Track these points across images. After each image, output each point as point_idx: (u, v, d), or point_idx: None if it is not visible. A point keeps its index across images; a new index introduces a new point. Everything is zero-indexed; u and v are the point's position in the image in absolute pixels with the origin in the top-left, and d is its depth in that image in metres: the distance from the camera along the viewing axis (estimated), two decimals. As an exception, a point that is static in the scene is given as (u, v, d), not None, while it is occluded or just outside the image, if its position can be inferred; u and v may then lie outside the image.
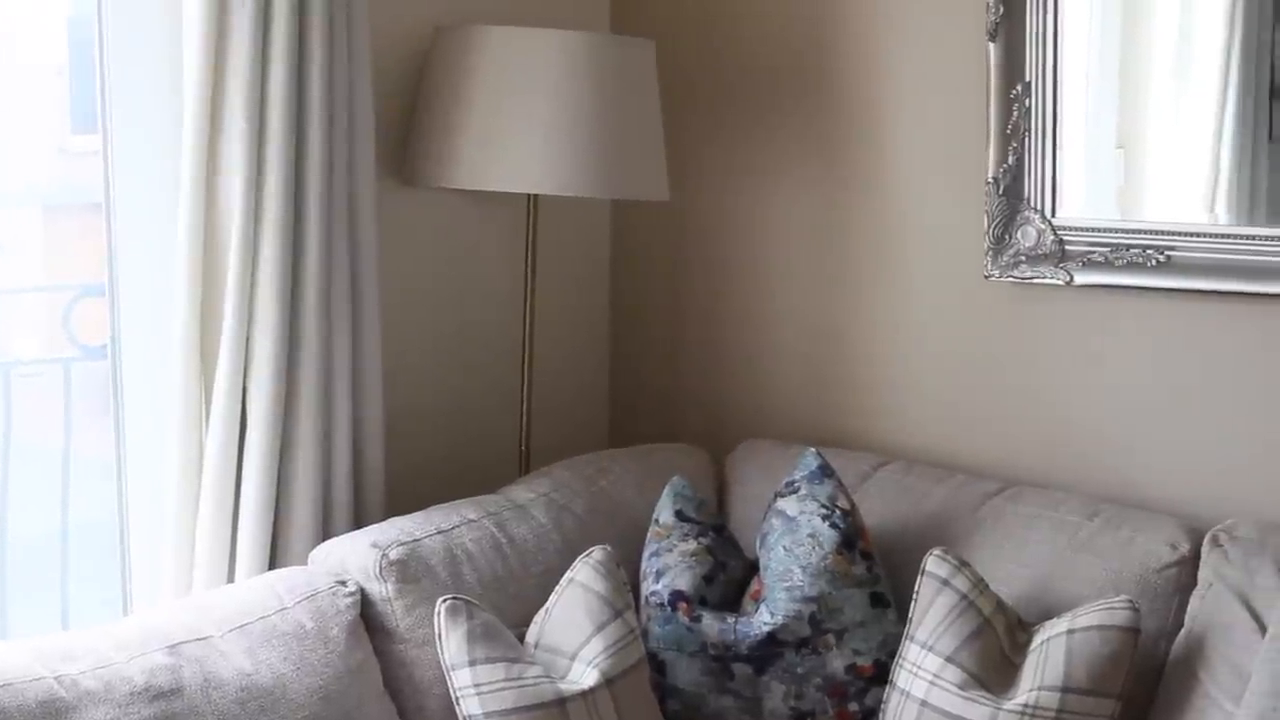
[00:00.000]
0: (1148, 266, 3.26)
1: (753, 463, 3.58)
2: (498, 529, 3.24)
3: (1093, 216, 3.36)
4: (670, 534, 3.26)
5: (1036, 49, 3.34)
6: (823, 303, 3.75)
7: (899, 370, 3.65)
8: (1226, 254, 3.19)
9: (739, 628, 3.11)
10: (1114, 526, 3.12)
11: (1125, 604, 2.86)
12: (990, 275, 3.44)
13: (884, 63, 3.61)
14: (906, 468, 3.46)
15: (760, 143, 3.80)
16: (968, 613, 2.94)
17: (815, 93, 3.71)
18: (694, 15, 3.88)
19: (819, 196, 3.73)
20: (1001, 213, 3.40)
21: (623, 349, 4.08)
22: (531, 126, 3.37)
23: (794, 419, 3.78)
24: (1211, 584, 2.95)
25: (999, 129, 3.38)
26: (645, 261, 4.04)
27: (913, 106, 3.58)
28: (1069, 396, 3.42)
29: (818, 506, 3.18)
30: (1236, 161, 3.30)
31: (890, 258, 3.63)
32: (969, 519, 3.26)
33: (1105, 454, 3.38)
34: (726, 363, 3.91)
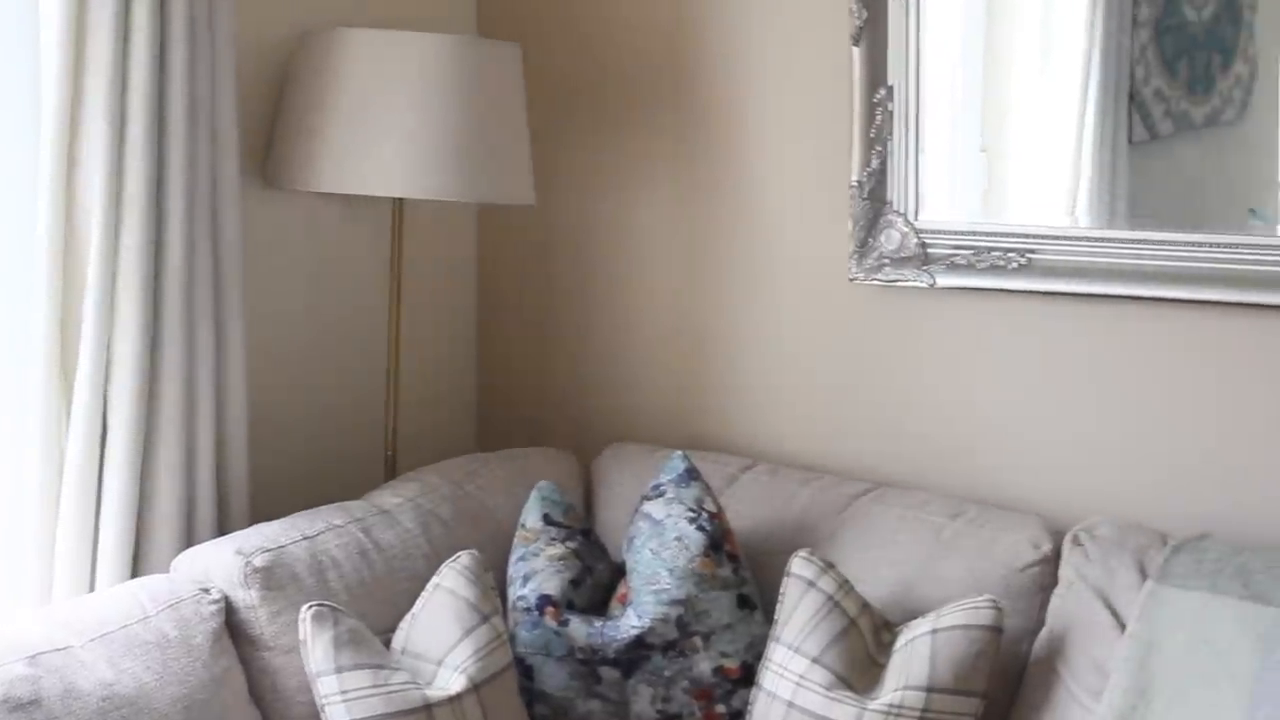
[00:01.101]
0: (1009, 269, 3.31)
1: (620, 466, 3.59)
2: (364, 534, 3.22)
3: (956, 219, 3.40)
4: (537, 538, 3.26)
5: (900, 53, 3.38)
6: (689, 306, 3.77)
7: (765, 373, 3.68)
8: (1087, 257, 3.25)
9: (606, 631, 3.12)
10: (977, 526, 3.16)
11: (988, 603, 2.90)
12: (855, 278, 3.47)
13: (749, 67, 3.63)
14: (773, 470, 3.48)
15: (627, 147, 3.82)
16: (833, 614, 2.97)
17: (681, 97, 3.73)
18: (561, 19, 3.89)
19: (685, 200, 3.75)
20: (865, 216, 3.44)
21: (490, 353, 4.08)
22: (396, 130, 3.36)
23: (661, 422, 3.80)
24: (1072, 583, 3.00)
25: (863, 133, 3.42)
26: (512, 266, 4.04)
27: (778, 110, 3.60)
28: (933, 398, 3.46)
29: (684, 509, 3.20)
30: (1097, 165, 3.35)
31: (756, 261, 3.66)
32: (834, 520, 3.29)
33: (969, 454, 3.42)
34: (594, 367, 3.92)
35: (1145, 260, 3.18)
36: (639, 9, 3.78)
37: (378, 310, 3.71)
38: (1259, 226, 3.25)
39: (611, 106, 3.83)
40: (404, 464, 3.63)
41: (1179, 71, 3.31)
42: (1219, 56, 3.32)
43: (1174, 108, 3.30)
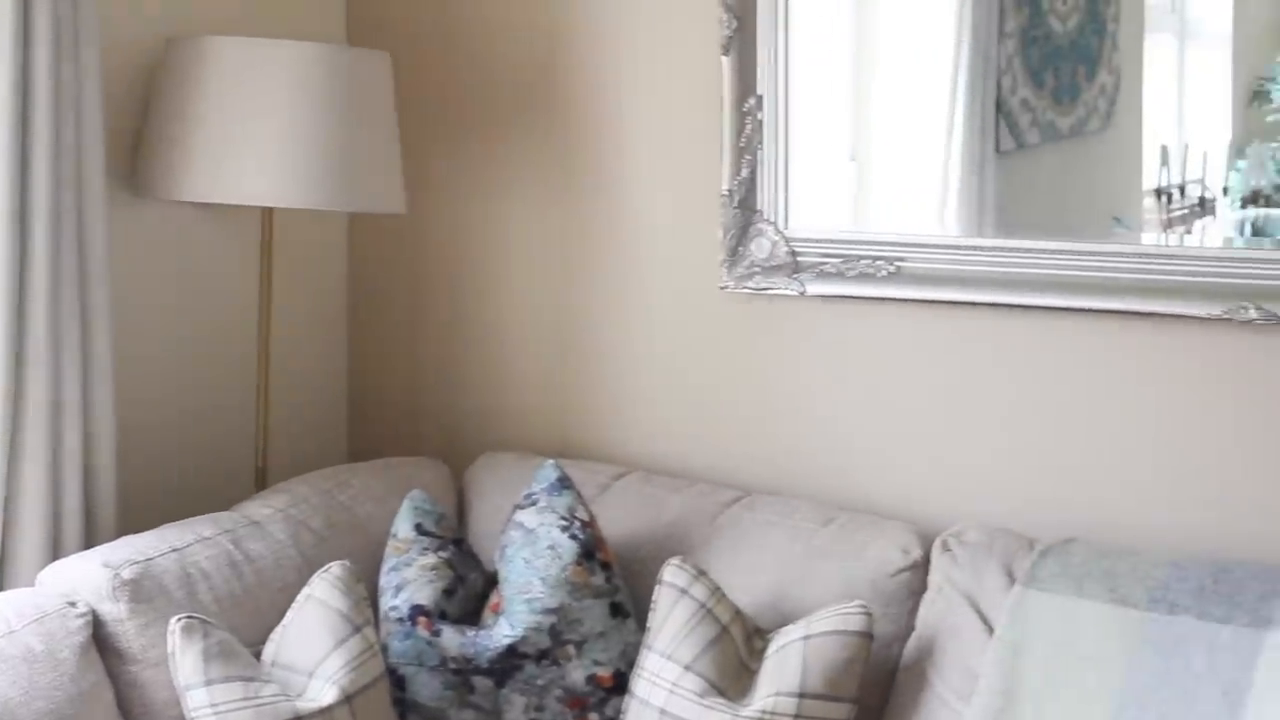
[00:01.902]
0: (878, 277, 3.35)
1: (492, 476, 3.59)
2: (234, 546, 3.21)
3: (826, 228, 3.44)
4: (409, 548, 3.26)
5: (769, 63, 3.41)
6: (562, 315, 3.78)
7: (638, 382, 3.70)
8: (955, 264, 3.29)
9: (479, 641, 3.12)
10: (848, 533, 3.19)
11: (859, 609, 2.93)
12: (726, 286, 3.50)
13: (621, 76, 3.65)
14: (645, 478, 3.50)
15: (499, 155, 3.83)
16: (706, 621, 2.99)
17: (553, 105, 3.74)
18: (431, 28, 3.89)
19: (557, 209, 3.76)
20: (736, 224, 3.47)
21: (361, 363, 4.08)
22: (265, 139, 3.35)
23: (534, 431, 3.81)
24: (941, 588, 3.04)
25: (733, 142, 3.45)
26: (384, 275, 4.04)
27: (650, 119, 3.63)
28: (804, 405, 3.49)
29: (557, 518, 3.21)
30: (965, 174, 3.40)
31: (628, 270, 3.68)
32: (707, 528, 3.31)
33: (840, 461, 3.45)
34: (466, 376, 3.92)
35: (1013, 268, 3.23)
36: (510, 18, 3.79)
37: (247, 320, 3.69)
38: (1123, 234, 3.31)
39: (483, 115, 3.84)
40: (274, 475, 3.61)
41: (1045, 81, 3.36)
42: (1084, 67, 3.37)
43: (1040, 117, 3.36)
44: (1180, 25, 3.40)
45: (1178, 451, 3.13)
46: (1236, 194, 3.29)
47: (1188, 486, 3.12)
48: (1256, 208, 3.27)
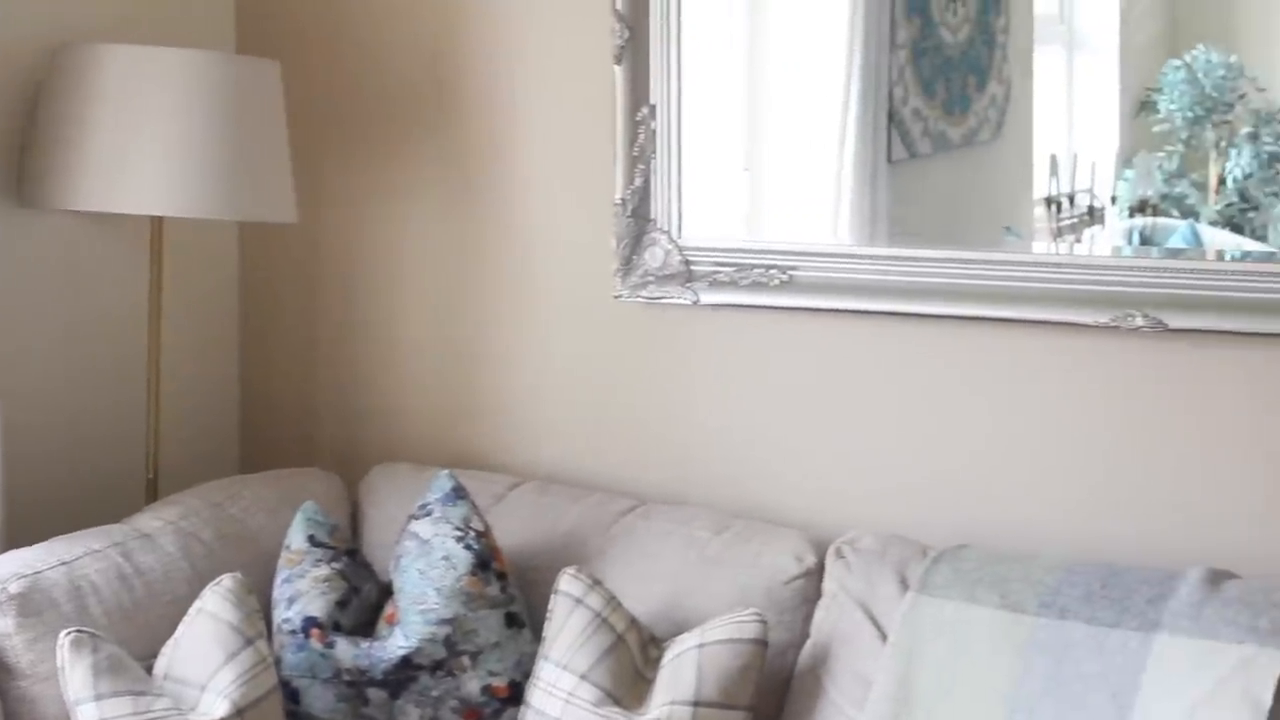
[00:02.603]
0: (771, 286, 3.38)
1: (387, 486, 3.60)
2: (124, 559, 3.20)
3: (719, 237, 3.47)
4: (302, 559, 3.26)
5: (661, 72, 3.44)
6: (456, 324, 3.80)
7: (533, 391, 3.72)
8: (848, 273, 3.33)
9: (373, 653, 3.13)
10: (742, 541, 3.22)
11: (753, 617, 2.96)
12: (620, 295, 3.53)
13: (514, 84, 3.67)
14: (541, 487, 3.52)
15: (391, 164, 3.84)
16: (601, 630, 3.01)
17: (446, 114, 3.76)
18: (321, 36, 3.89)
19: (451, 218, 3.78)
20: (630, 233, 3.50)
21: (254, 373, 4.07)
22: (153, 147, 3.35)
23: (430, 441, 3.82)
24: (835, 595, 3.07)
25: (626, 151, 3.48)
26: (276, 284, 4.04)
27: (543, 128, 3.65)
28: (699, 414, 3.53)
29: (451, 528, 3.23)
30: (857, 183, 3.43)
31: (523, 279, 3.70)
32: (602, 537, 3.33)
33: (735, 469, 3.49)
34: (361, 386, 3.93)
35: (905, 277, 3.27)
36: (402, 26, 3.80)
37: (137, 330, 3.68)
38: (1014, 243, 3.36)
39: (376, 123, 3.85)
40: (165, 487, 3.60)
41: (936, 92, 3.41)
42: (974, 77, 3.43)
43: (932, 127, 3.40)
44: (1069, 36, 3.45)
45: (1067, 457, 3.18)
46: (1124, 203, 3.35)
47: (1078, 491, 3.17)
48: (1144, 216, 3.33)
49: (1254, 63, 3.27)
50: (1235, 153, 3.28)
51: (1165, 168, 3.32)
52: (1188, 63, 3.26)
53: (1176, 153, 3.31)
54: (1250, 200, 3.28)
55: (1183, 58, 3.26)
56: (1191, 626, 2.70)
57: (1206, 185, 3.32)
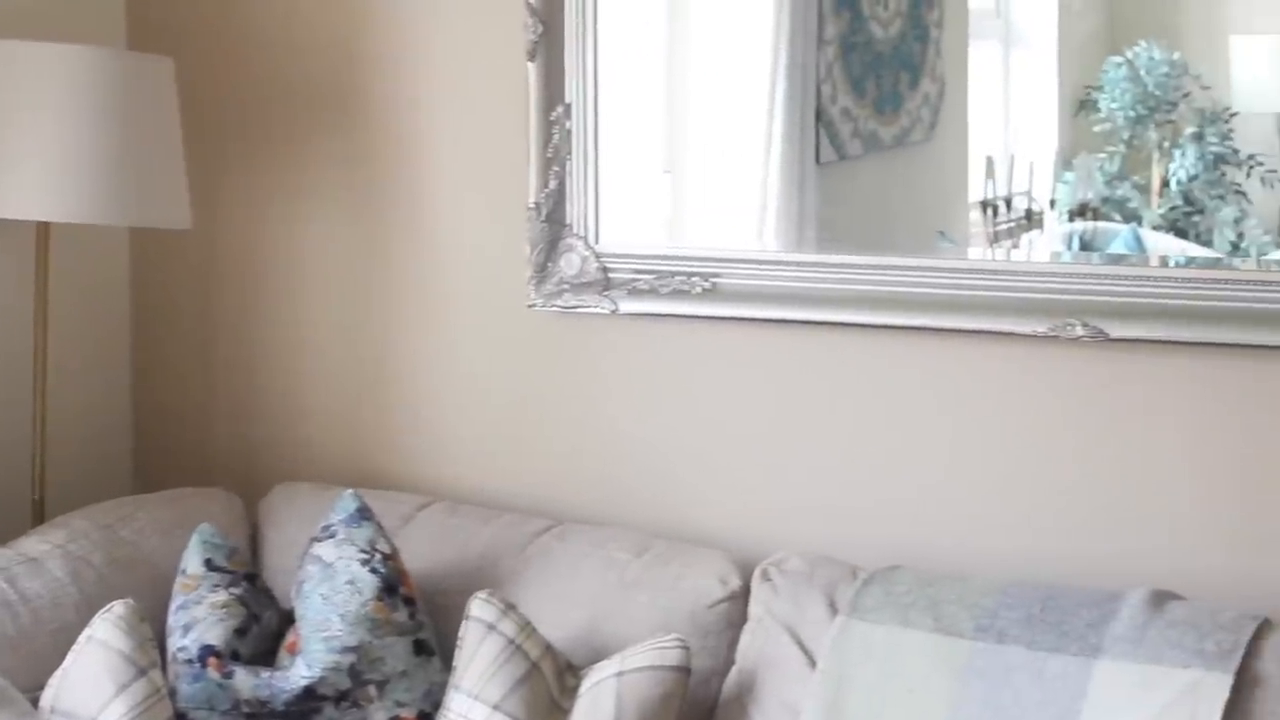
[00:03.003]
0: (693, 294, 3.35)
1: (288, 507, 3.56)
2: (8, 585, 3.16)
3: (639, 243, 3.44)
4: (199, 585, 3.21)
5: (577, 70, 3.40)
6: (362, 336, 3.75)
7: (443, 406, 3.68)
8: (774, 281, 3.30)
9: (274, 683, 3.08)
10: (664, 563, 3.18)
11: (675, 643, 2.92)
12: (534, 304, 3.49)
13: (422, 82, 3.63)
14: (451, 508, 3.48)
15: (294, 166, 3.79)
16: (515, 658, 2.97)
17: (351, 114, 3.72)
18: (218, 33, 3.84)
19: (357, 223, 3.74)
20: (544, 239, 3.46)
21: (147, 388, 4.02)
22: (38, 149, 3.31)
23: (334, 459, 3.78)
24: (761, 619, 3.04)
25: (540, 153, 3.44)
26: (171, 293, 3.98)
27: (454, 129, 3.61)
28: (618, 428, 3.50)
29: (356, 551, 3.17)
30: (784, 187, 3.42)
31: (432, 288, 3.66)
32: (516, 559, 3.29)
33: (656, 487, 3.46)
34: (261, 401, 3.88)
35: (833, 284, 3.24)
36: (305, 22, 3.76)
37: (22, 342, 3.61)
38: (948, 249, 3.34)
39: (277, 123, 3.80)
40: (53, 509, 3.53)
41: (866, 90, 3.39)
42: (907, 75, 3.41)
43: (862, 127, 3.39)
44: (1005, 32, 3.44)
45: (1004, 473, 3.17)
46: (1064, 206, 3.34)
47: (1015, 508, 3.15)
48: (1084, 220, 3.32)
49: (1198, 60, 3.27)
50: (1179, 154, 3.28)
51: (1106, 169, 3.31)
52: (1129, 60, 3.26)
53: (1118, 154, 3.31)
54: (1195, 203, 3.28)
55: (1124, 54, 3.26)
56: (1134, 650, 2.70)
57: (1149, 188, 3.32)
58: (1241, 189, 3.27)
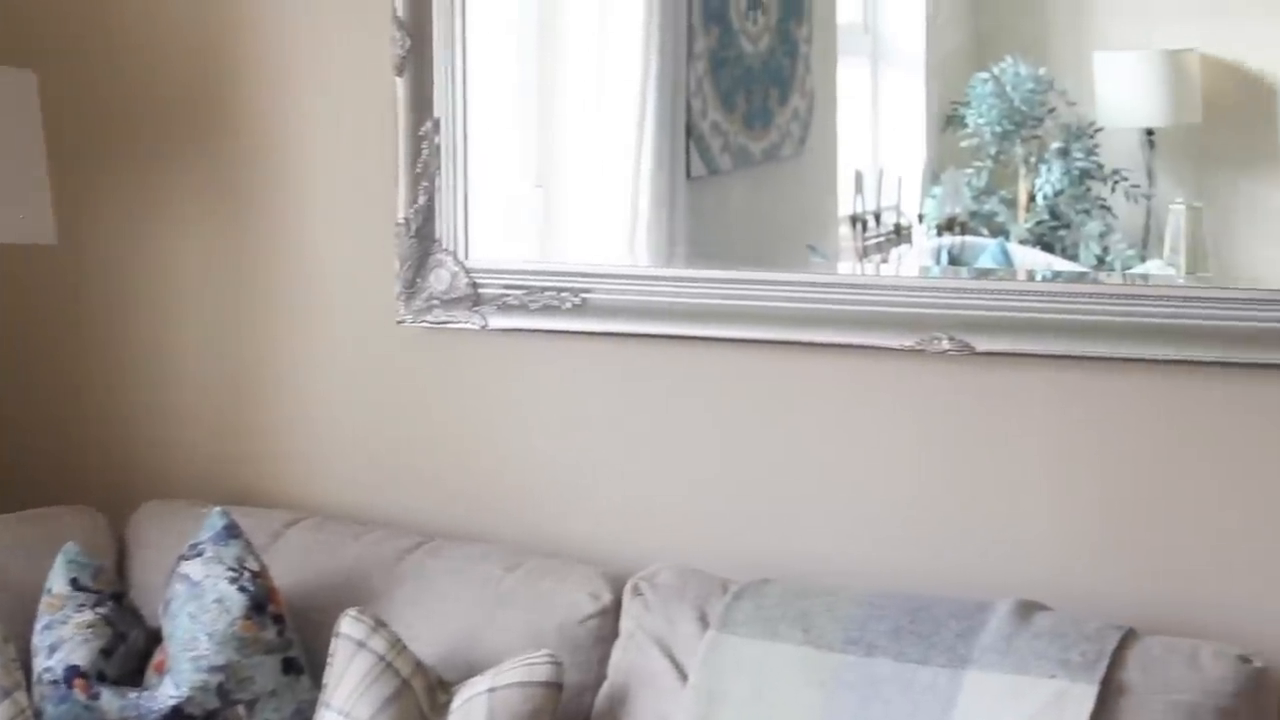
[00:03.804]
0: (563, 309, 3.36)
1: (156, 525, 3.55)
2: None
3: (509, 258, 3.45)
4: (64, 605, 3.20)
5: (446, 84, 3.41)
6: (231, 352, 3.75)
7: (312, 422, 3.69)
8: (644, 296, 3.32)
9: (142, 704, 3.08)
10: (535, 578, 3.20)
11: (546, 659, 2.94)
12: (403, 320, 3.50)
13: (292, 97, 3.64)
14: (321, 524, 3.49)
15: (161, 182, 3.79)
16: (385, 675, 2.98)
17: (219, 130, 3.72)
18: (83, 46, 3.83)
19: (225, 239, 3.74)
20: (413, 255, 3.47)
21: (11, 404, 3.99)
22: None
23: (203, 477, 3.77)
24: (633, 634, 3.06)
25: (409, 167, 3.45)
26: (35, 309, 3.96)
27: (323, 144, 3.62)
28: (490, 445, 3.51)
29: (224, 569, 3.18)
30: (654, 202, 3.44)
31: (301, 304, 3.67)
32: (387, 576, 3.30)
33: (529, 503, 3.48)
34: (128, 417, 3.87)
35: (704, 299, 3.27)
36: (172, 36, 3.75)
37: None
38: (818, 264, 3.39)
39: (144, 138, 3.80)
40: (-90, 529, 3.51)
41: (736, 105, 3.43)
42: (776, 90, 3.45)
43: (732, 142, 3.42)
44: (874, 48, 3.49)
45: (873, 486, 3.20)
46: (932, 221, 3.39)
47: (885, 521, 3.19)
48: (953, 235, 3.37)
49: (1064, 75, 3.33)
50: (1045, 169, 3.33)
51: (974, 184, 3.36)
52: (996, 75, 3.31)
53: (985, 168, 3.35)
54: (1061, 218, 3.33)
55: (991, 70, 3.30)
56: (1002, 661, 2.73)
57: (1016, 202, 3.37)
58: (1106, 204, 3.33)
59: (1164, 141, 3.34)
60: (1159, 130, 3.34)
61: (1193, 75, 3.29)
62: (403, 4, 3.40)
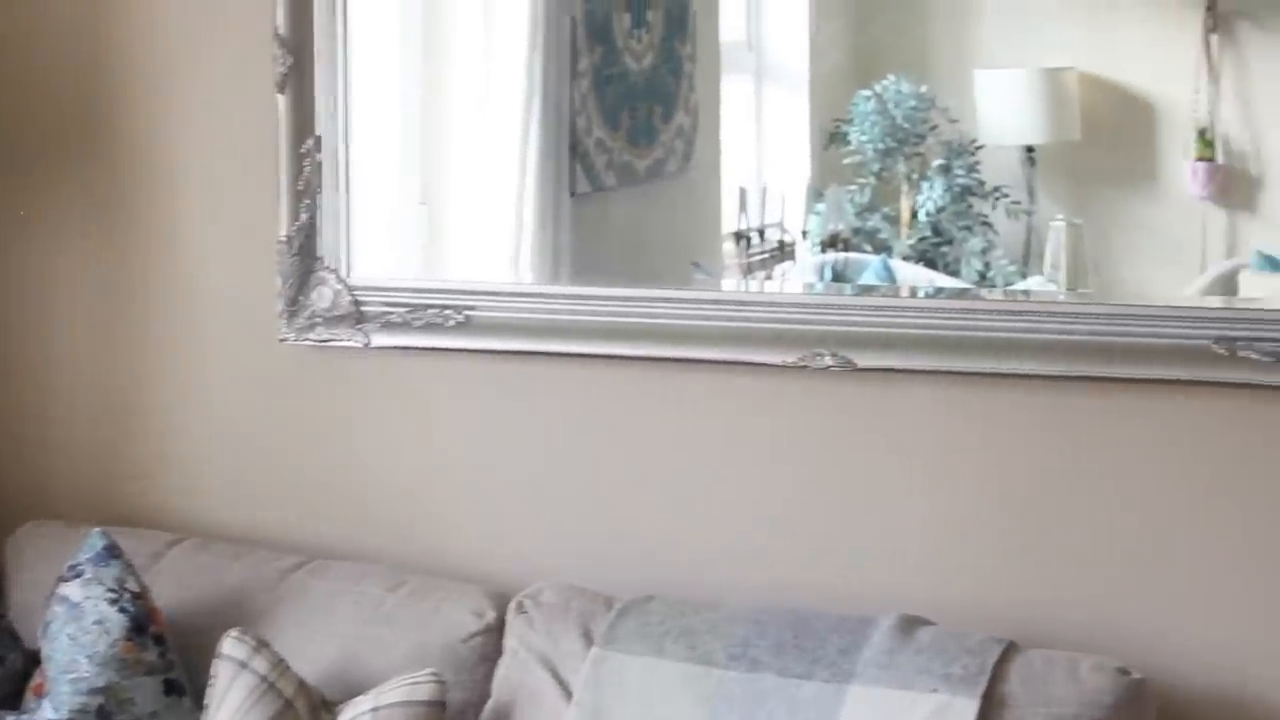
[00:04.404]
0: (446, 327, 3.35)
1: (35, 546, 3.53)
2: None
3: (393, 276, 3.44)
4: (-60, 628, 3.20)
5: (328, 102, 3.40)
6: (111, 370, 3.73)
7: (194, 442, 3.67)
8: (528, 313, 3.31)
9: (20, 727, 3.06)
10: (419, 597, 3.21)
11: (429, 677, 2.95)
12: (286, 339, 3.49)
13: (173, 114, 3.63)
14: (202, 544, 3.48)
15: (37, 198, 3.76)
16: (268, 696, 2.98)
17: (100, 145, 3.70)
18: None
19: (106, 255, 3.71)
20: (295, 273, 3.45)
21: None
22: None
23: (83, 498, 3.74)
24: (517, 652, 3.07)
25: (290, 185, 3.43)
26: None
27: (204, 161, 3.61)
28: (373, 463, 3.51)
29: (104, 590, 3.17)
30: (539, 219, 3.45)
31: (182, 322, 3.65)
32: (269, 596, 3.30)
33: (413, 522, 3.48)
34: (7, 438, 3.83)
35: (588, 316, 3.27)
36: (51, 50, 3.73)
37: None
38: (703, 280, 3.41)
39: (17, 154, 3.76)
40: None
41: (620, 122, 3.45)
42: (660, 107, 3.48)
43: (617, 159, 3.44)
44: (758, 65, 3.52)
45: (756, 501, 3.22)
46: (816, 237, 3.43)
47: (768, 536, 3.21)
48: (836, 251, 3.41)
49: (945, 93, 3.38)
50: (927, 185, 3.38)
51: (857, 201, 3.40)
52: (878, 93, 3.35)
53: (868, 185, 3.40)
54: (943, 234, 3.38)
55: (873, 88, 3.34)
56: (884, 676, 2.76)
57: (899, 219, 3.42)
58: (988, 220, 3.38)
59: (1044, 158, 3.39)
60: (1039, 147, 3.39)
61: (1072, 93, 3.34)
62: (284, 22, 3.39)
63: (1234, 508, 2.91)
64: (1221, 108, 3.24)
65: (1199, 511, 2.94)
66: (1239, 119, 3.25)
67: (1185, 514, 2.94)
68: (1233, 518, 2.91)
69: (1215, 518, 2.93)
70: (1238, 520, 2.91)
